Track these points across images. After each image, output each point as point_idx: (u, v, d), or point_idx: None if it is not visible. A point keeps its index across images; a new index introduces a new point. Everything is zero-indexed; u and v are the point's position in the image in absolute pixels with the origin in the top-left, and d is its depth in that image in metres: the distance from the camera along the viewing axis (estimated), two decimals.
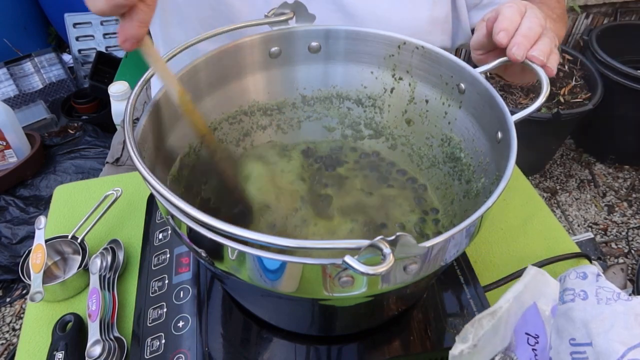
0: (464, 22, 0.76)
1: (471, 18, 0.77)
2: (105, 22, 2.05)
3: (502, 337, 0.45)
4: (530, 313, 0.45)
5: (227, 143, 0.61)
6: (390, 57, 0.59)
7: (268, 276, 0.37)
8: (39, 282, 0.60)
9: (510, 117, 0.46)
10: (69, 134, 1.80)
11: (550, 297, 0.47)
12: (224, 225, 0.33)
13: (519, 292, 0.46)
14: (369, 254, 0.30)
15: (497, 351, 0.45)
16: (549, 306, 0.47)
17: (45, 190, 1.57)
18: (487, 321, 0.44)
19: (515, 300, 0.46)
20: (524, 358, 0.44)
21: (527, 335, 0.44)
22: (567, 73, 1.87)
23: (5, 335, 1.44)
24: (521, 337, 0.44)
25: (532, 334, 0.45)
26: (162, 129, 0.50)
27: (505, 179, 0.40)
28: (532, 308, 0.46)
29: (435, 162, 0.61)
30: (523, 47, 0.50)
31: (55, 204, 0.78)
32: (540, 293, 0.47)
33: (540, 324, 0.45)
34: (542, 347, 0.44)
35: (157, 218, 0.69)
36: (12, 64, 1.97)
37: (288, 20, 0.56)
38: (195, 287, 0.59)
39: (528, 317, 0.45)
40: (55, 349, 0.56)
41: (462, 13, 0.76)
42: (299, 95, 0.63)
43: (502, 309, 0.45)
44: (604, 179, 1.95)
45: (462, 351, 0.42)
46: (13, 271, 1.47)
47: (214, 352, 0.53)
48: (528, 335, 0.44)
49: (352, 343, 0.54)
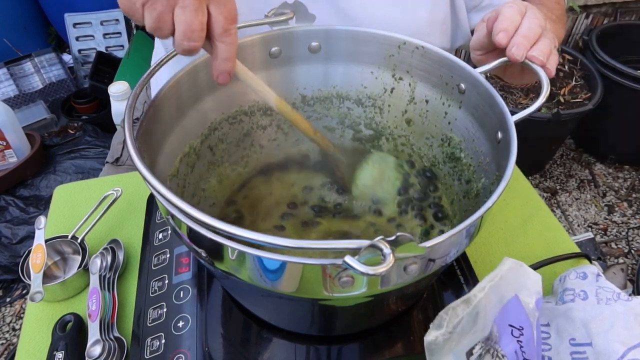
0: (463, 24, 0.76)
1: (470, 19, 0.77)
2: (105, 22, 2.05)
3: (481, 327, 0.46)
4: (512, 305, 0.46)
5: (227, 143, 0.61)
6: (390, 57, 0.59)
7: (268, 276, 0.37)
8: (39, 282, 0.60)
9: (510, 117, 0.46)
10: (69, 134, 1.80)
11: (532, 290, 0.48)
12: (224, 225, 0.33)
13: (493, 282, 0.47)
14: (369, 254, 0.30)
15: (476, 341, 0.45)
16: (533, 299, 0.47)
17: (45, 190, 1.57)
18: (461, 309, 0.44)
19: (493, 290, 0.46)
20: (509, 350, 0.44)
21: (510, 327, 0.45)
22: (567, 73, 1.87)
23: (5, 335, 1.44)
24: (504, 328, 0.45)
25: (516, 325, 0.45)
26: (162, 129, 0.50)
27: (505, 179, 0.40)
28: (513, 300, 0.46)
29: (435, 162, 0.61)
30: (523, 48, 0.50)
31: (55, 204, 0.78)
32: (521, 285, 0.47)
33: (524, 316, 0.46)
34: (527, 339, 0.45)
35: (157, 218, 0.69)
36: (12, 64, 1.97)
37: (288, 20, 0.56)
38: (195, 287, 0.59)
39: (510, 309, 0.46)
40: (55, 349, 0.56)
41: (461, 14, 0.76)
42: (299, 95, 0.63)
43: (477, 298, 0.45)
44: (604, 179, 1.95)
45: (437, 338, 0.43)
46: (13, 271, 1.47)
47: (214, 352, 0.53)
48: (512, 327, 0.45)
49: (352, 343, 0.54)
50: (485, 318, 0.46)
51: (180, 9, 0.40)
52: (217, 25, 0.42)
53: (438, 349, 0.44)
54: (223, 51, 0.43)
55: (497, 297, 0.46)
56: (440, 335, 0.43)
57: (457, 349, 0.45)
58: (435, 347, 0.44)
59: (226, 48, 0.43)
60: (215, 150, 0.59)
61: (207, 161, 0.59)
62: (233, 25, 0.43)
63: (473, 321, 0.45)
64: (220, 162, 0.61)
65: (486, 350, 0.45)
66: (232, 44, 0.43)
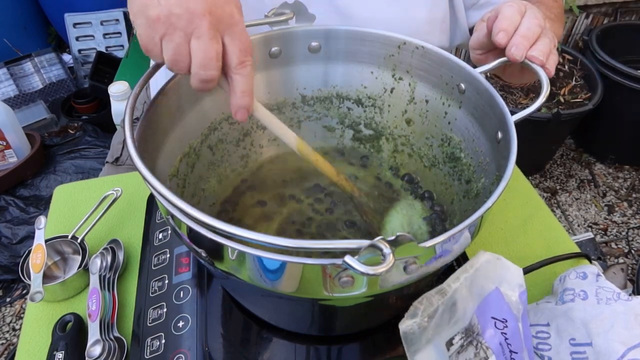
0: (461, 22, 0.77)
1: (469, 18, 0.77)
2: (105, 22, 2.05)
3: (460, 317, 0.46)
4: (493, 298, 0.46)
5: (227, 143, 0.61)
6: (390, 57, 0.59)
7: (268, 276, 0.37)
8: (39, 282, 0.60)
9: (510, 117, 0.46)
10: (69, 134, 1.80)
11: (514, 283, 0.48)
12: (224, 225, 0.33)
13: (468, 273, 0.47)
14: (369, 254, 0.30)
15: (456, 332, 0.46)
16: (515, 292, 0.48)
17: (45, 190, 1.57)
18: (436, 299, 0.45)
19: (470, 282, 0.47)
20: (494, 342, 0.44)
21: (493, 319, 0.45)
22: (567, 73, 1.87)
23: (5, 335, 1.44)
24: (487, 321, 0.45)
25: (498, 318, 0.45)
26: (162, 129, 0.50)
27: (505, 179, 0.40)
28: (494, 293, 0.46)
29: (435, 162, 0.61)
30: (522, 48, 0.50)
31: (55, 204, 0.78)
32: (502, 278, 0.48)
33: (507, 308, 0.46)
34: (512, 331, 0.45)
35: (157, 218, 0.69)
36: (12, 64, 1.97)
37: (288, 20, 0.56)
38: (195, 287, 0.59)
39: (491, 302, 0.46)
40: (55, 349, 0.56)
41: (459, 13, 0.76)
42: (299, 95, 0.63)
43: (451, 288, 0.46)
44: (604, 179, 1.95)
45: (412, 327, 0.44)
46: (13, 271, 1.47)
47: (214, 352, 0.53)
48: (495, 320, 0.45)
49: (352, 343, 0.54)
50: (465, 309, 0.46)
51: (195, 40, 0.40)
52: (232, 57, 0.42)
53: (415, 339, 0.45)
54: (240, 84, 0.42)
55: (477, 289, 0.47)
56: (415, 324, 0.44)
57: (437, 340, 0.46)
58: (412, 337, 0.45)
59: (243, 80, 0.43)
60: (215, 150, 0.59)
61: (207, 161, 0.59)
62: (249, 58, 0.42)
63: (450, 311, 0.46)
64: (220, 162, 0.61)
65: (468, 342, 0.45)
66: (249, 77, 0.43)
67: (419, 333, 0.45)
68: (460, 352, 0.45)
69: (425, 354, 0.45)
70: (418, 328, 0.45)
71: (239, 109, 0.44)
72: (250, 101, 0.44)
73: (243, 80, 0.43)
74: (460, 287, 0.46)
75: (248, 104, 0.44)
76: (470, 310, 0.46)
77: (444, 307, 0.46)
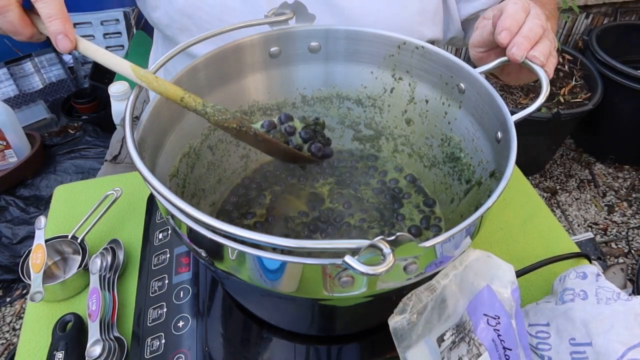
0: (453, 14, 0.77)
1: (460, 10, 0.77)
2: (105, 22, 2.05)
3: (451, 314, 0.47)
4: (485, 295, 0.46)
5: (227, 143, 0.61)
6: (390, 57, 0.59)
7: (268, 276, 0.37)
8: (39, 282, 0.60)
9: (510, 117, 0.46)
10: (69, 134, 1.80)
11: (505, 280, 0.48)
12: (224, 225, 0.33)
13: (457, 270, 0.47)
14: (369, 254, 0.30)
15: (446, 328, 0.46)
16: (508, 289, 0.48)
17: (45, 190, 1.57)
18: (425, 296, 0.45)
19: (460, 279, 0.47)
20: (487, 339, 0.44)
21: (485, 316, 0.45)
22: (567, 73, 1.87)
23: (5, 335, 1.44)
24: (479, 318, 0.45)
25: (490, 314, 0.45)
26: (162, 129, 0.50)
27: (505, 179, 0.40)
28: (485, 290, 0.47)
29: (435, 162, 0.61)
30: (523, 48, 0.50)
31: (55, 204, 0.78)
32: (493, 276, 0.48)
33: (499, 305, 0.46)
34: (505, 327, 0.45)
35: (157, 218, 0.69)
36: (12, 64, 1.97)
37: (288, 20, 0.56)
38: (195, 287, 0.59)
39: (483, 299, 0.46)
40: (55, 349, 0.56)
41: (451, 5, 0.76)
42: (299, 95, 0.63)
43: (440, 285, 0.46)
44: (604, 179, 1.95)
45: (402, 323, 0.45)
46: (13, 271, 1.47)
47: (214, 352, 0.53)
48: (487, 317, 0.45)
49: (352, 343, 0.54)
50: (455, 306, 0.47)
51: None
52: None
53: (405, 335, 0.45)
54: (44, 9, 0.41)
55: (467, 286, 0.47)
56: (404, 320, 0.44)
57: (427, 336, 0.46)
58: (402, 333, 0.45)
59: (45, 6, 0.41)
60: (215, 150, 0.59)
61: (207, 161, 0.59)
62: None
63: (440, 308, 0.46)
64: (220, 162, 0.61)
65: (460, 339, 0.45)
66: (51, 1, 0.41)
67: (409, 329, 0.45)
68: (452, 349, 0.45)
69: (417, 350, 0.46)
70: (407, 324, 0.45)
71: (53, 36, 0.42)
72: (61, 26, 0.42)
73: (45, 5, 0.41)
74: (450, 284, 0.47)
75: (60, 29, 0.41)
76: (461, 307, 0.46)
77: (434, 303, 0.46)
